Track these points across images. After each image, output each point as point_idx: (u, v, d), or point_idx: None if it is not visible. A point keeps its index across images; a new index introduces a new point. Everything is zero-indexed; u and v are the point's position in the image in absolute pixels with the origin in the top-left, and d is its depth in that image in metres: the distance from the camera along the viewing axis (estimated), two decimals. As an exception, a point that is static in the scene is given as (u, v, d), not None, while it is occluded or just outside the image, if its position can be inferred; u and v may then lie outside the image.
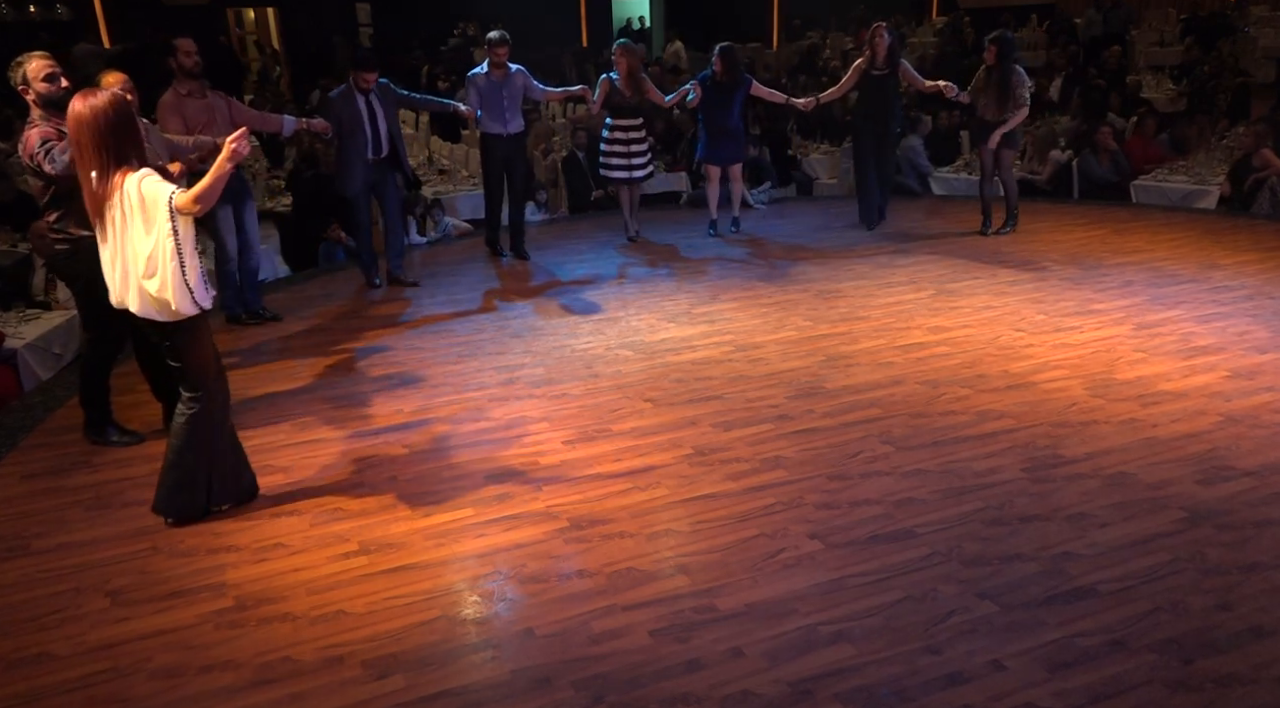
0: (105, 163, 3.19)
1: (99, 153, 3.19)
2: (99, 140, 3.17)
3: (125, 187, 3.19)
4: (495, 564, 3.34)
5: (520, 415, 4.53)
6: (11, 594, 3.25)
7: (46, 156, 3.78)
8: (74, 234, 3.98)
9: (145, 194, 3.18)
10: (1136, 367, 4.92)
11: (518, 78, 6.85)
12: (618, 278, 6.77)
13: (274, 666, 2.85)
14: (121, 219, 3.23)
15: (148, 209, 3.18)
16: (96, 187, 3.22)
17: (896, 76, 7.46)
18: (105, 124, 3.17)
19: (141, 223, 3.21)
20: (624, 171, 7.41)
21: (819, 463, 3.99)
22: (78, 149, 3.23)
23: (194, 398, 3.48)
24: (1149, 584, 3.13)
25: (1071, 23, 14.97)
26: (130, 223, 3.22)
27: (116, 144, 3.19)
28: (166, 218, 3.16)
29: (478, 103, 6.78)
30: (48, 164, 3.77)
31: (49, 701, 2.74)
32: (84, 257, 3.97)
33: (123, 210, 3.21)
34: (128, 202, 3.20)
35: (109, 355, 4.25)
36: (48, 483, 4.00)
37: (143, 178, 3.19)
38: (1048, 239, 7.48)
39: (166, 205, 3.15)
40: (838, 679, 2.73)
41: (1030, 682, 2.71)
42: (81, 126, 3.18)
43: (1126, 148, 9.03)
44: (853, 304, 6.04)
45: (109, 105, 3.18)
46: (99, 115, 3.16)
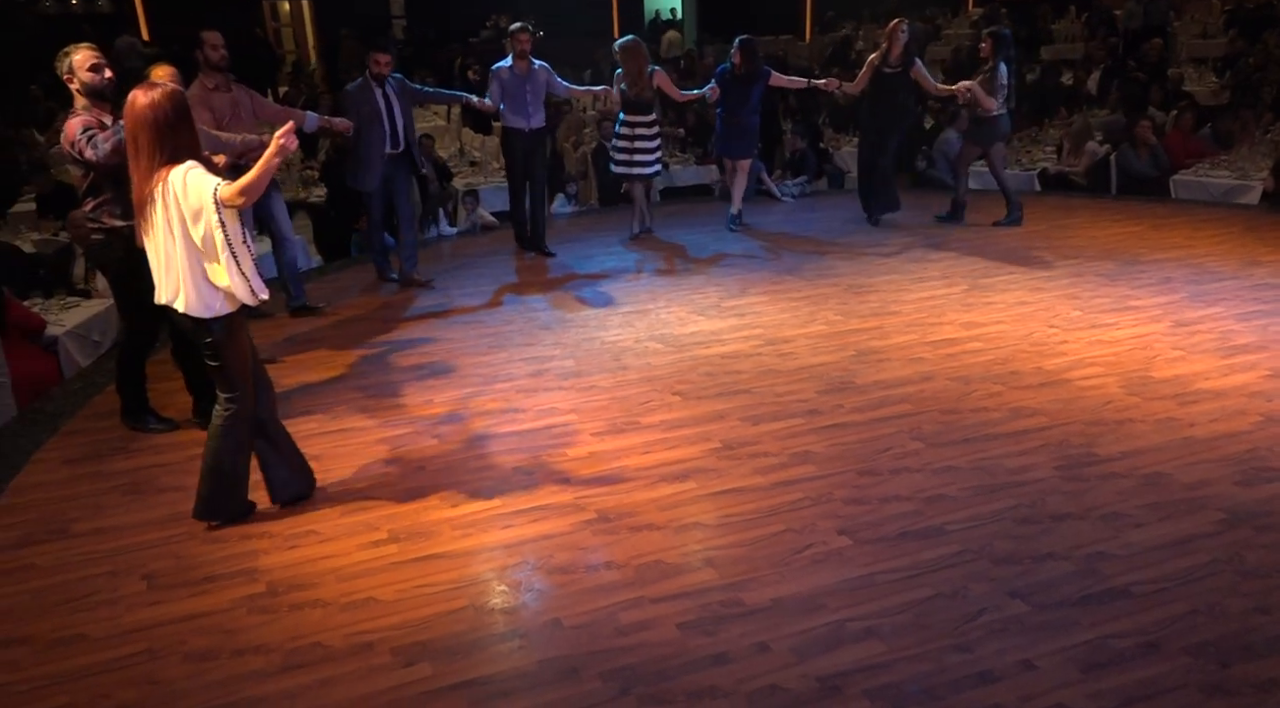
0: (157, 157, 3.18)
1: (153, 147, 3.18)
2: (155, 135, 3.16)
3: (169, 179, 3.18)
4: (523, 555, 3.35)
5: (549, 407, 4.54)
6: (51, 576, 3.31)
7: (89, 143, 3.80)
8: (108, 223, 4.02)
9: (189, 186, 3.17)
10: (1174, 365, 4.83)
11: (540, 73, 6.82)
12: (635, 272, 6.76)
13: (304, 651, 2.88)
14: (164, 212, 3.21)
15: (191, 201, 3.17)
16: (142, 180, 3.22)
17: (909, 75, 7.34)
18: (163, 119, 3.16)
19: (187, 215, 3.19)
20: (624, 167, 7.36)
21: (848, 458, 3.96)
22: (133, 142, 3.21)
23: (231, 399, 3.45)
24: (1185, 586, 3.08)
25: (1111, 14, 14.70)
26: (173, 217, 3.21)
27: (173, 140, 3.18)
28: (213, 210, 3.14)
29: (499, 97, 6.77)
30: (89, 150, 3.80)
31: (86, 681, 2.79)
32: (117, 246, 4.06)
33: (164, 203, 3.20)
34: (170, 194, 3.19)
35: (144, 344, 4.30)
36: (87, 468, 4.08)
37: (187, 171, 3.18)
38: (1084, 234, 7.36)
39: (211, 198, 3.14)
40: (867, 676, 2.71)
41: (1062, 682, 2.67)
42: (140, 120, 3.16)
43: (1166, 142, 8.85)
44: (884, 299, 5.98)
45: (169, 100, 3.18)
46: (158, 110, 3.15)
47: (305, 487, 3.73)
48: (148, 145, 3.17)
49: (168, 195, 3.18)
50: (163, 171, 3.19)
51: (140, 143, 3.18)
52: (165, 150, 3.18)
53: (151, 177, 3.19)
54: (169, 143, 3.17)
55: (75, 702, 2.71)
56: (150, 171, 3.19)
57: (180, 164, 3.19)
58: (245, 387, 3.46)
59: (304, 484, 3.72)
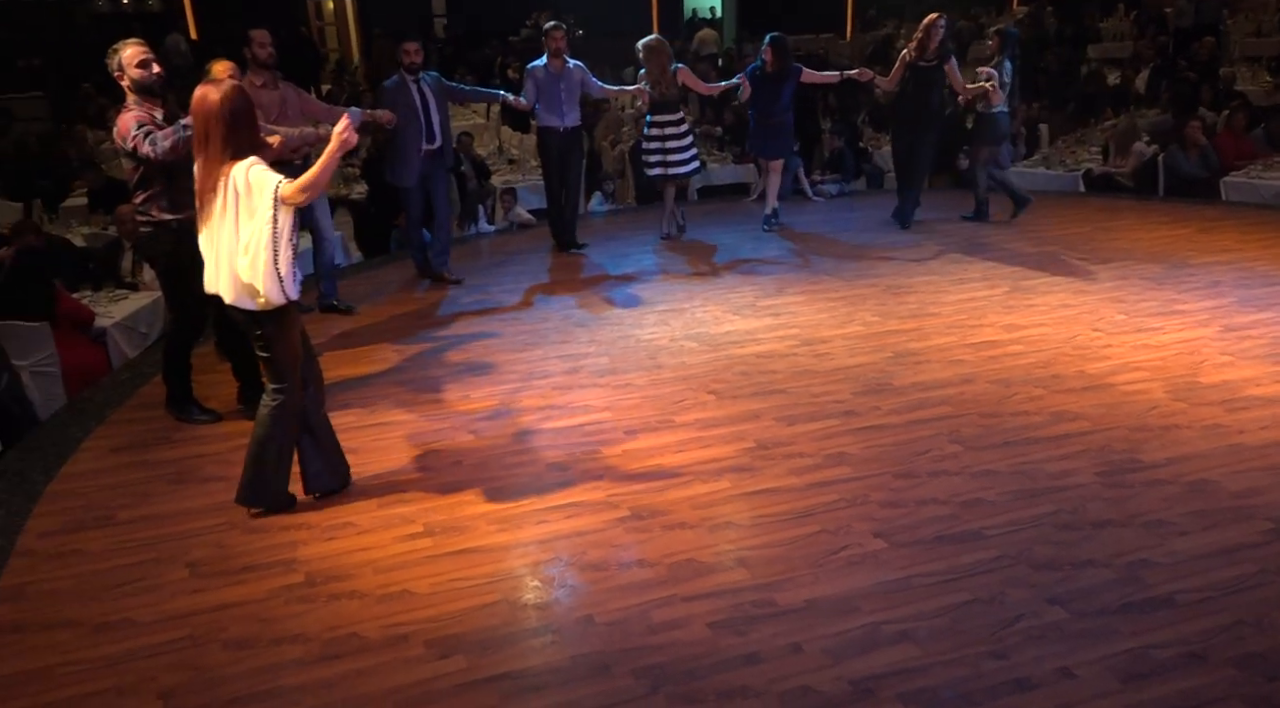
0: (224, 151, 3.23)
1: (221, 141, 3.22)
2: (223, 129, 3.21)
3: (232, 174, 3.22)
4: (556, 551, 3.37)
5: (584, 404, 4.55)
6: (99, 561, 3.40)
7: (147, 139, 3.86)
8: (157, 217, 4.09)
9: (252, 182, 3.21)
10: (1222, 370, 4.73)
11: (575, 72, 6.82)
12: (671, 271, 6.76)
13: (341, 641, 2.92)
14: (223, 206, 3.25)
15: (253, 196, 3.21)
16: (206, 173, 3.27)
17: (942, 71, 7.19)
18: (230, 115, 3.21)
19: (245, 210, 3.24)
20: (660, 168, 7.25)
21: (885, 461, 3.92)
22: (202, 136, 3.25)
23: (279, 390, 3.49)
24: (1231, 596, 3.01)
25: (1161, 12, 14.39)
26: (229, 210, 3.25)
27: (237, 135, 3.23)
28: (269, 206, 3.18)
29: (534, 96, 6.77)
30: (147, 146, 3.86)
31: (131, 664, 2.85)
32: (166, 239, 4.13)
33: (225, 198, 3.24)
34: (232, 189, 3.23)
35: (191, 335, 4.38)
36: (132, 457, 4.17)
37: (251, 166, 3.23)
38: (1130, 237, 7.22)
39: (272, 194, 3.18)
40: (901, 679, 2.69)
41: (1101, 692, 2.63)
42: (208, 115, 3.22)
43: (1217, 143, 8.65)
44: (923, 300, 5.92)
45: (236, 97, 3.23)
46: (228, 105, 3.20)
47: (339, 482, 3.77)
48: (216, 140, 3.22)
49: (229, 189, 3.24)
50: (227, 166, 3.24)
51: (209, 137, 3.23)
52: (230, 145, 3.23)
53: (216, 170, 3.25)
54: (234, 138, 3.23)
55: (121, 685, 2.77)
56: (215, 165, 3.25)
57: (243, 159, 3.24)
58: (294, 378, 3.50)
59: (338, 480, 3.77)
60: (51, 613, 3.11)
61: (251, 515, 3.63)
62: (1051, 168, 9.24)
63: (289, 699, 2.69)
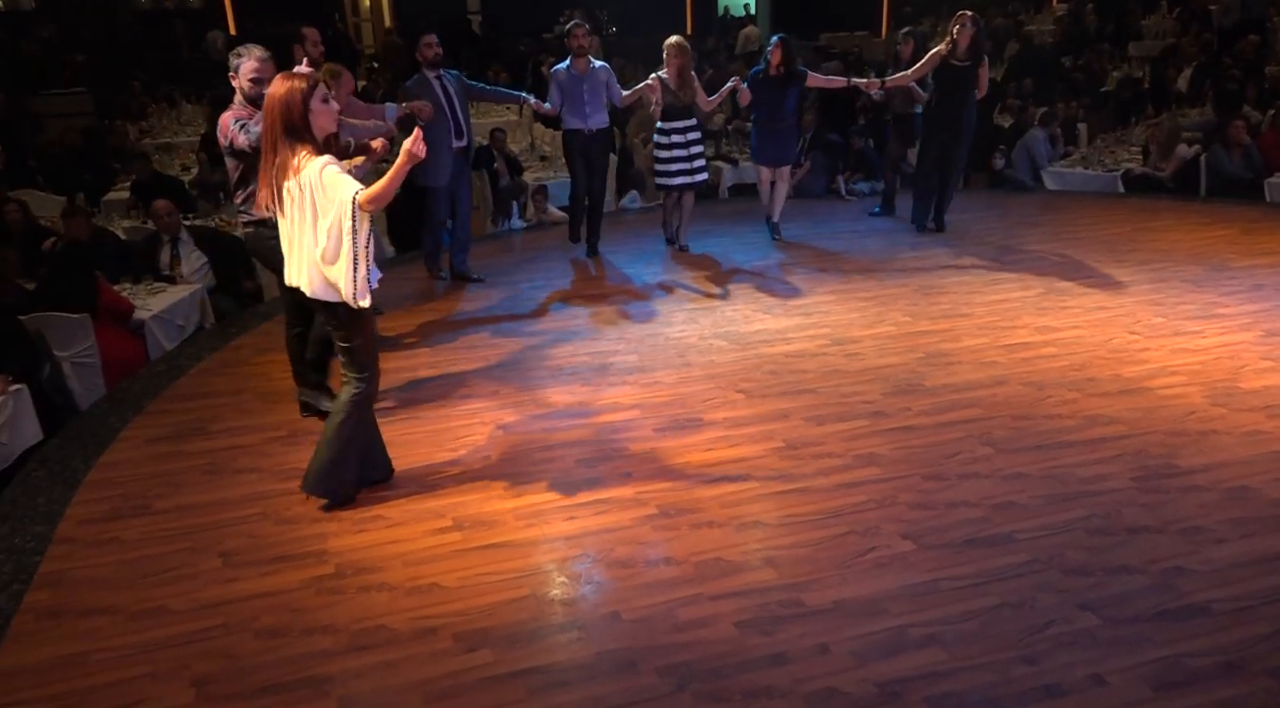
0: (292, 142, 3.23)
1: (287, 131, 3.22)
2: (286, 120, 3.21)
3: (307, 169, 3.21)
4: (584, 547, 3.38)
5: (612, 402, 4.56)
6: (134, 550, 3.46)
7: (241, 129, 3.93)
8: (257, 214, 4.05)
9: (327, 184, 3.20)
10: (1264, 375, 4.63)
11: (600, 73, 6.68)
12: (700, 269, 6.74)
13: (370, 633, 2.95)
14: (298, 200, 3.26)
15: (328, 197, 3.20)
16: (277, 164, 3.27)
17: (977, 71, 6.89)
18: (294, 105, 3.20)
19: (317, 207, 3.23)
20: (686, 177, 6.88)
21: (915, 462, 3.89)
22: (270, 127, 3.26)
23: (361, 378, 3.53)
24: (1270, 605, 2.95)
25: (1206, 9, 14.11)
26: (306, 205, 3.25)
27: (301, 125, 3.22)
28: (349, 215, 3.18)
29: (558, 98, 6.64)
30: (241, 136, 3.91)
31: (166, 652, 2.91)
32: (269, 234, 3.99)
33: (299, 190, 3.25)
34: (305, 183, 3.23)
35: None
36: (168, 447, 4.25)
37: (325, 165, 3.21)
38: (1169, 238, 7.09)
39: (351, 202, 3.17)
40: (928, 683, 2.67)
41: (1134, 700, 2.59)
42: (273, 105, 3.23)
43: (1262, 143, 8.47)
44: (955, 301, 5.86)
45: (302, 86, 3.22)
46: (296, 94, 3.20)
47: (381, 474, 3.81)
48: (276, 127, 3.23)
49: (303, 183, 3.24)
50: (300, 158, 3.23)
51: (272, 124, 3.24)
52: (297, 135, 3.22)
53: (287, 161, 3.24)
54: (302, 128, 3.22)
55: (156, 672, 2.82)
56: (286, 155, 3.24)
57: (317, 155, 3.23)
58: (374, 368, 3.56)
59: (379, 471, 3.81)
60: (89, 600, 3.17)
61: (324, 508, 3.63)
62: (1090, 167, 9.10)
63: (318, 689, 2.73)
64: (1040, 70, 12.54)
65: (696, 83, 6.85)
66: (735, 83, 6.86)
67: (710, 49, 16.01)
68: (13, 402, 4.36)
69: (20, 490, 3.93)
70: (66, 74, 13.53)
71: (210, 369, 5.20)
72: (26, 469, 4.12)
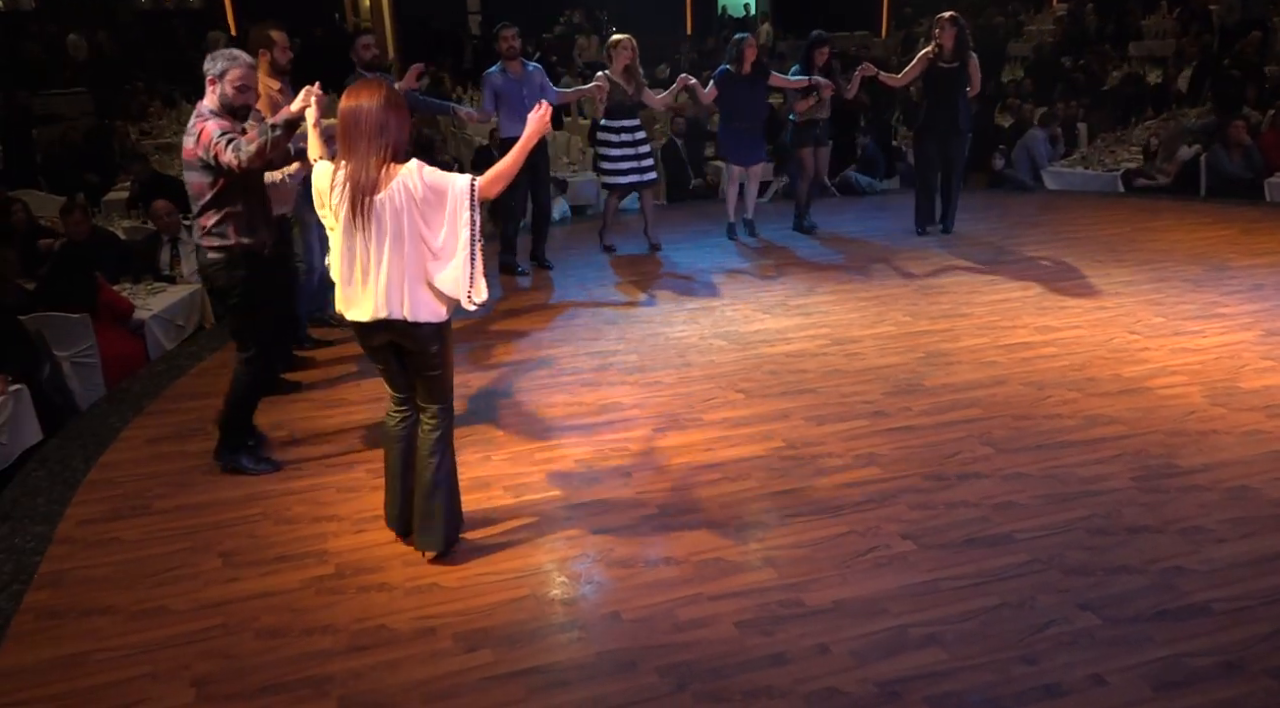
0: (386, 156, 2.90)
1: (388, 149, 2.89)
2: (397, 137, 2.90)
3: (399, 177, 2.90)
4: (584, 547, 3.38)
5: (613, 402, 4.56)
6: (135, 550, 3.46)
7: (230, 146, 3.45)
8: (233, 241, 3.69)
9: (432, 180, 2.91)
10: (1264, 375, 4.63)
11: (535, 75, 6.42)
12: (699, 269, 6.74)
13: (370, 633, 2.95)
14: (387, 212, 2.90)
15: (438, 192, 2.91)
16: (364, 181, 2.89)
17: (966, 71, 6.85)
18: (405, 124, 2.94)
19: (421, 211, 2.92)
20: (636, 175, 6.77)
21: (914, 462, 3.89)
22: (349, 138, 2.90)
23: (444, 410, 3.24)
24: (1269, 606, 2.95)
25: (1206, 9, 14.11)
26: (402, 215, 2.91)
27: (396, 135, 2.91)
28: (467, 206, 2.90)
29: (493, 104, 6.31)
30: (230, 154, 3.43)
31: (166, 652, 2.91)
32: (243, 265, 3.73)
33: (395, 205, 2.90)
34: (400, 192, 2.89)
35: (268, 374, 3.92)
36: (169, 447, 4.24)
37: (420, 166, 2.93)
38: (1169, 238, 7.09)
39: (468, 193, 2.90)
40: (928, 683, 2.67)
41: (1134, 700, 2.59)
42: (359, 114, 2.88)
43: (1262, 142, 8.47)
44: (955, 300, 5.86)
45: (393, 94, 2.94)
46: (401, 112, 2.92)
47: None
48: (385, 145, 2.90)
49: (400, 195, 2.90)
50: (389, 169, 2.91)
51: (361, 134, 2.89)
52: (386, 145, 2.90)
53: (378, 175, 2.89)
54: (389, 138, 2.90)
55: (157, 672, 2.82)
56: (378, 170, 2.90)
57: (404, 161, 2.94)
58: (453, 395, 3.29)
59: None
60: (89, 600, 3.17)
61: (442, 561, 3.27)
62: (1090, 167, 9.10)
63: (318, 689, 2.73)
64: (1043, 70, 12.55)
65: (643, 81, 6.77)
66: (684, 79, 6.76)
67: (710, 49, 16.02)
68: (13, 402, 4.36)
69: (20, 490, 3.93)
70: (66, 74, 13.54)
71: (210, 369, 5.20)
72: (26, 469, 4.12)
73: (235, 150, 3.44)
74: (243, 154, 3.43)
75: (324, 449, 4.16)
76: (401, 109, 2.95)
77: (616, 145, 6.73)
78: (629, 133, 6.72)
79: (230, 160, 3.45)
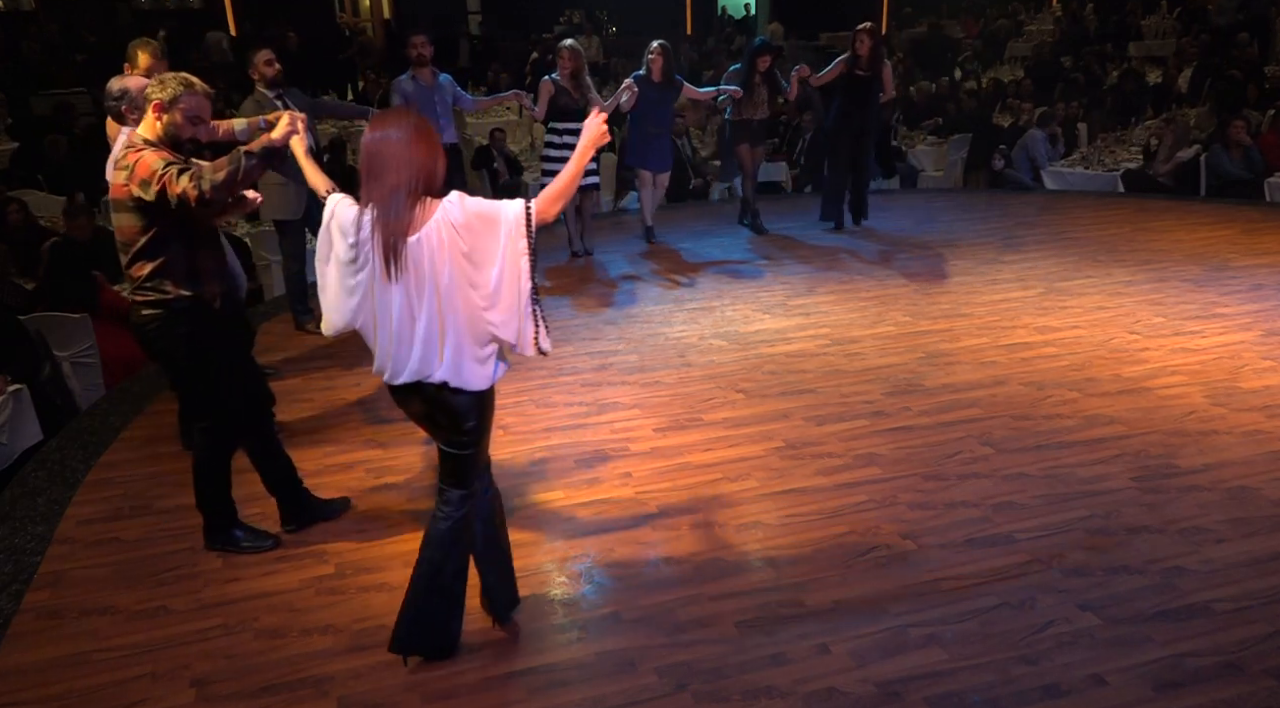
0: (413, 188, 2.47)
1: (406, 177, 2.46)
2: (406, 161, 2.46)
3: (440, 212, 2.47)
4: (584, 547, 3.38)
5: (612, 402, 4.56)
6: (136, 550, 3.46)
7: (190, 180, 2.89)
8: (172, 293, 3.10)
9: (476, 209, 2.48)
10: (1264, 376, 4.63)
11: (447, 86, 6.28)
12: (701, 269, 6.74)
13: (370, 633, 2.95)
14: (432, 257, 2.46)
15: (485, 223, 2.47)
16: (395, 219, 2.46)
17: (879, 79, 7.12)
18: (417, 143, 2.47)
19: (474, 253, 2.48)
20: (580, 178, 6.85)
21: (914, 462, 3.89)
22: (373, 175, 2.47)
23: (466, 496, 2.72)
24: (1269, 606, 2.95)
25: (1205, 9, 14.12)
26: (445, 259, 2.47)
27: (429, 166, 2.49)
28: (523, 235, 2.47)
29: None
30: (188, 184, 2.89)
31: (167, 652, 2.91)
32: (183, 321, 3.14)
33: (433, 246, 2.46)
34: (441, 232, 2.46)
35: (230, 443, 3.38)
36: (169, 447, 4.24)
37: (463, 197, 2.51)
38: (1169, 238, 7.09)
39: (524, 219, 2.47)
40: (928, 683, 2.67)
41: (1134, 700, 2.59)
42: (384, 147, 2.46)
43: (1262, 143, 8.47)
44: (955, 301, 5.86)
45: (422, 121, 2.54)
46: (414, 131, 2.49)
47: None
48: (422, 187, 2.49)
49: (439, 232, 2.46)
50: (427, 205, 2.49)
51: (409, 183, 2.46)
52: (423, 180, 2.49)
53: (413, 217, 2.47)
54: (428, 171, 2.50)
55: (156, 671, 2.82)
56: (415, 211, 2.47)
57: (439, 197, 2.52)
58: (481, 479, 2.80)
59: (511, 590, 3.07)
60: (89, 600, 3.17)
61: (407, 665, 2.81)
62: (1090, 167, 9.10)
63: (318, 689, 2.73)
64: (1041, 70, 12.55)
65: (591, 86, 6.74)
66: (630, 85, 6.69)
67: (709, 50, 16.03)
68: (13, 402, 4.36)
69: (20, 490, 3.93)
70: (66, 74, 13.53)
71: (210, 369, 5.19)
72: (26, 469, 4.12)
73: (196, 181, 2.89)
74: (206, 184, 2.88)
75: (324, 449, 4.16)
76: (432, 137, 2.54)
77: (559, 147, 6.67)
78: (572, 136, 6.58)
79: (189, 193, 2.88)
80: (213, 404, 3.30)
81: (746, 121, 7.21)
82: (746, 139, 7.27)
